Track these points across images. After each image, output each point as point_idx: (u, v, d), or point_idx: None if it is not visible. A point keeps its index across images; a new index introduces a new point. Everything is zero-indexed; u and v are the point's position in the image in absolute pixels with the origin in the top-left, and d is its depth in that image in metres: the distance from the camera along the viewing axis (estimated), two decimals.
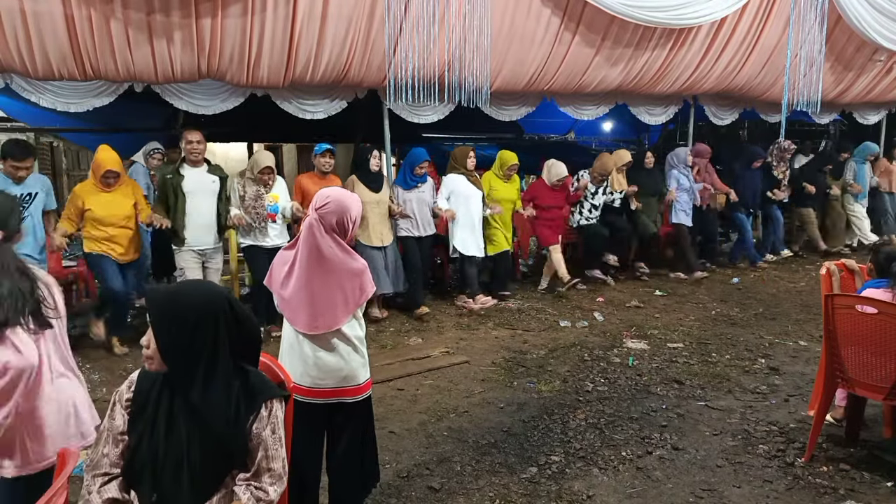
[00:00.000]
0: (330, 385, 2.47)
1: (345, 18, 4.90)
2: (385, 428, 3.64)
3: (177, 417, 1.71)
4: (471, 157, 6.04)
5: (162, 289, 1.81)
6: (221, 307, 1.72)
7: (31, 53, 4.37)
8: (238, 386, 1.75)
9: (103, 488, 1.71)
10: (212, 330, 1.70)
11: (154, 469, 1.69)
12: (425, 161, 5.87)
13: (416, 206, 5.84)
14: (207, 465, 1.69)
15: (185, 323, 1.68)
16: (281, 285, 2.44)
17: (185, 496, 1.67)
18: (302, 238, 2.40)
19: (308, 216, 2.42)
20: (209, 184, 4.98)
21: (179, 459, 1.68)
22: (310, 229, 2.38)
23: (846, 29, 6.78)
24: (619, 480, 3.09)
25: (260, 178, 5.05)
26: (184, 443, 1.68)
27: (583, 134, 10.73)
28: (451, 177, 6.02)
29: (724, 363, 4.64)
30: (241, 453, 1.74)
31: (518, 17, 5.45)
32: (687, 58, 6.39)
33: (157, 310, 1.72)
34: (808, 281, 7.12)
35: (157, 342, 1.69)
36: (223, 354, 1.72)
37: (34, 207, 4.55)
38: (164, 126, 7.76)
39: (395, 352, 4.94)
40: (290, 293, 2.41)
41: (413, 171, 5.83)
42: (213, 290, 1.78)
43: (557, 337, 5.27)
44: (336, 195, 2.41)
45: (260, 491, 1.73)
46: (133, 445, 1.73)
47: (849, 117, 9.12)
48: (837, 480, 3.03)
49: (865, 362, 2.99)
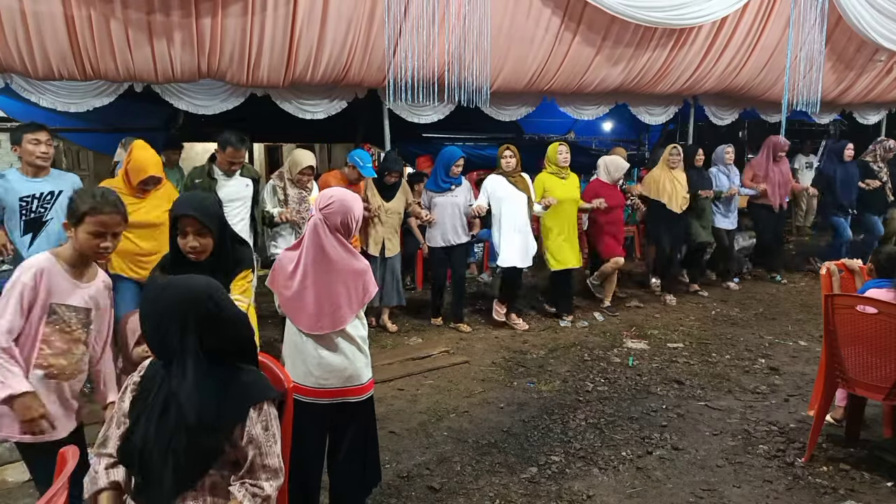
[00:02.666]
0: (334, 385, 2.47)
1: (345, 18, 4.89)
2: (385, 428, 3.64)
3: (170, 406, 1.74)
4: (505, 156, 5.34)
5: (158, 281, 1.86)
6: (199, 305, 1.73)
7: (31, 53, 4.36)
8: (223, 384, 1.76)
9: (111, 470, 1.77)
10: (181, 326, 1.71)
11: (143, 453, 1.73)
12: (461, 158, 5.36)
13: (450, 211, 5.35)
14: (189, 456, 1.71)
15: (160, 316, 1.73)
16: (284, 286, 2.45)
17: (167, 483, 1.70)
18: (307, 238, 2.41)
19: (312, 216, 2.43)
20: (242, 188, 4.49)
21: (166, 447, 1.71)
22: (314, 229, 2.39)
23: (847, 29, 6.78)
24: (619, 480, 3.09)
25: (300, 179, 4.67)
26: (171, 431, 1.71)
27: (583, 134, 10.73)
28: (492, 177, 5.39)
29: (724, 363, 4.64)
30: (215, 451, 1.73)
31: (518, 16, 5.44)
32: (688, 57, 6.38)
33: (144, 301, 1.83)
34: (808, 281, 7.12)
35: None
36: (193, 351, 1.72)
37: (58, 208, 3.74)
38: (165, 126, 7.76)
39: (395, 352, 4.94)
40: (293, 293, 2.42)
41: (448, 172, 5.34)
42: (195, 287, 1.77)
43: (557, 337, 5.27)
44: (339, 195, 2.42)
45: (255, 487, 1.74)
46: (129, 428, 1.78)
47: (849, 117, 9.11)
48: (837, 480, 3.03)
49: (865, 362, 2.99)
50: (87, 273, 2.31)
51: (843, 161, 7.09)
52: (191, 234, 2.33)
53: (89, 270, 2.32)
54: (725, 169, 6.77)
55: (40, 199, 3.72)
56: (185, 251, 2.35)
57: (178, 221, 2.35)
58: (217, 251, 2.39)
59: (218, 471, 1.75)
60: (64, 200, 3.70)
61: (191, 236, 2.33)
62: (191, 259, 2.36)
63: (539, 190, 5.45)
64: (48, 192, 3.75)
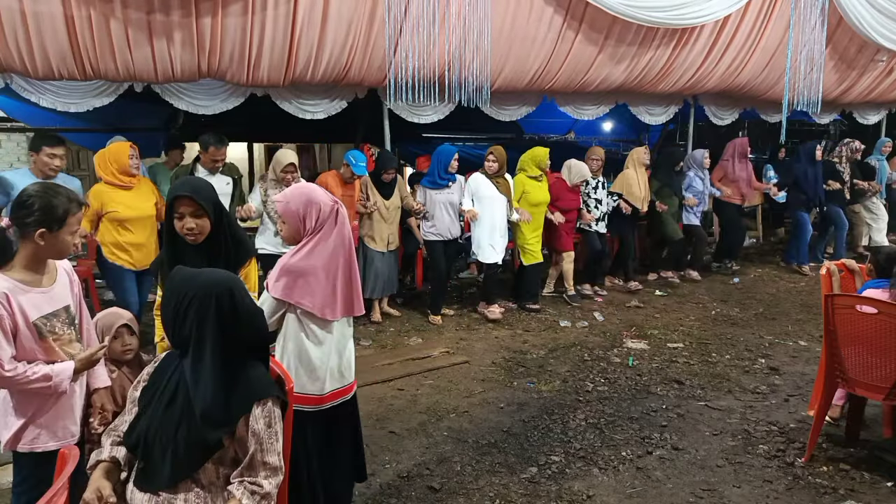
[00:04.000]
0: (337, 386, 2.47)
1: (345, 18, 4.89)
2: (385, 428, 3.64)
3: (178, 395, 1.77)
4: (488, 160, 5.60)
5: (185, 270, 1.86)
6: (218, 298, 1.76)
7: (31, 53, 4.36)
8: (232, 378, 1.78)
9: (115, 447, 1.83)
10: (200, 317, 1.75)
11: (146, 438, 1.76)
12: (457, 154, 5.61)
13: (445, 207, 5.54)
14: (190, 446, 1.73)
15: (178, 305, 1.77)
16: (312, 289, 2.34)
17: (166, 470, 1.73)
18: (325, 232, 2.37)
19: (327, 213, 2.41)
20: (223, 186, 4.73)
21: (169, 434, 1.73)
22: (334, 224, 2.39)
23: (848, 29, 6.78)
24: (619, 480, 3.09)
25: (283, 178, 4.75)
26: (176, 420, 1.74)
27: (583, 134, 10.73)
28: (476, 176, 5.60)
29: (724, 363, 4.64)
30: (217, 443, 1.75)
31: (519, 16, 5.44)
32: (690, 57, 6.39)
33: (168, 290, 1.83)
34: (808, 281, 7.12)
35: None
36: (210, 343, 1.76)
37: None
38: (165, 126, 7.76)
39: (395, 352, 4.94)
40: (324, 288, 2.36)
41: (447, 169, 5.52)
42: (215, 280, 1.81)
43: (557, 337, 5.27)
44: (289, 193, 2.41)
45: (254, 485, 1.74)
46: (138, 414, 1.83)
47: (849, 117, 9.11)
48: (837, 480, 3.03)
49: (865, 362, 2.99)
50: (48, 274, 2.19)
51: (814, 161, 7.42)
52: (187, 216, 2.36)
53: (48, 270, 2.20)
54: (701, 173, 7.12)
55: None
56: (183, 233, 2.37)
57: (174, 204, 2.37)
58: (214, 234, 2.42)
59: (216, 465, 1.76)
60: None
61: (187, 218, 2.36)
62: (189, 241, 2.38)
63: (518, 192, 5.75)
64: None
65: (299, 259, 2.33)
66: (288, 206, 2.35)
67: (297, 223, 2.35)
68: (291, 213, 2.34)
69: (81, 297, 2.35)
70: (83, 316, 2.34)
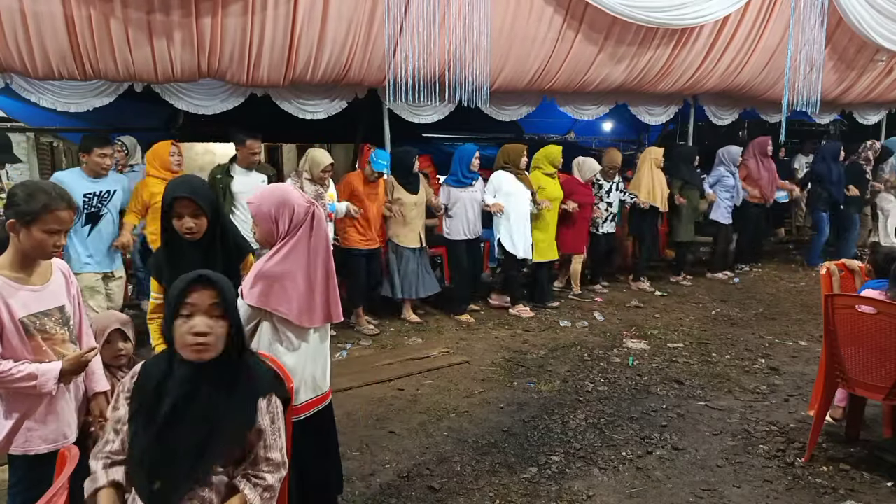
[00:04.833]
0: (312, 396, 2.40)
1: (345, 18, 4.89)
2: (385, 428, 3.64)
3: (181, 409, 1.72)
4: (524, 155, 5.77)
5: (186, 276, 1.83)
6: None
7: (31, 53, 4.36)
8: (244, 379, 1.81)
9: (110, 469, 1.76)
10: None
11: (153, 458, 1.72)
12: (478, 152, 5.76)
13: (469, 205, 5.68)
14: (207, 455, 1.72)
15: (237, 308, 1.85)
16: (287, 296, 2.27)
17: (183, 483, 1.71)
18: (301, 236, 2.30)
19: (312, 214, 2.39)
20: (258, 183, 4.85)
21: (184, 449, 1.71)
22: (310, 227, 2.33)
23: (848, 29, 6.78)
24: (619, 480, 3.09)
25: (321, 177, 4.95)
26: (187, 434, 1.71)
27: (582, 134, 10.73)
28: (499, 174, 5.73)
29: (724, 363, 4.64)
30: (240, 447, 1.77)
31: (519, 16, 5.45)
32: (690, 57, 6.39)
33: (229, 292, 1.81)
34: (808, 281, 7.12)
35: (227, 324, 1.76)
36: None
37: (112, 205, 4.46)
38: (165, 126, 7.76)
39: (395, 352, 4.94)
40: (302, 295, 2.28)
41: (469, 168, 5.66)
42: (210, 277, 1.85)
43: (557, 337, 5.27)
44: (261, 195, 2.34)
45: (258, 479, 1.77)
46: (133, 433, 1.76)
47: (849, 117, 9.11)
48: (837, 480, 3.03)
49: (865, 362, 2.99)
50: (39, 272, 2.14)
51: (837, 160, 7.42)
52: (186, 216, 2.41)
53: (40, 269, 2.15)
54: (733, 168, 7.09)
55: (99, 196, 4.39)
56: (182, 232, 2.44)
57: (173, 204, 2.41)
58: (211, 231, 2.48)
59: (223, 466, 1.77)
60: (117, 198, 4.50)
61: (187, 217, 2.41)
62: (187, 239, 2.45)
63: (534, 187, 5.83)
64: (106, 190, 4.42)
65: (274, 264, 2.24)
66: (260, 207, 2.26)
67: (269, 226, 2.25)
68: (263, 216, 2.25)
69: (80, 298, 2.34)
70: (81, 317, 2.31)
